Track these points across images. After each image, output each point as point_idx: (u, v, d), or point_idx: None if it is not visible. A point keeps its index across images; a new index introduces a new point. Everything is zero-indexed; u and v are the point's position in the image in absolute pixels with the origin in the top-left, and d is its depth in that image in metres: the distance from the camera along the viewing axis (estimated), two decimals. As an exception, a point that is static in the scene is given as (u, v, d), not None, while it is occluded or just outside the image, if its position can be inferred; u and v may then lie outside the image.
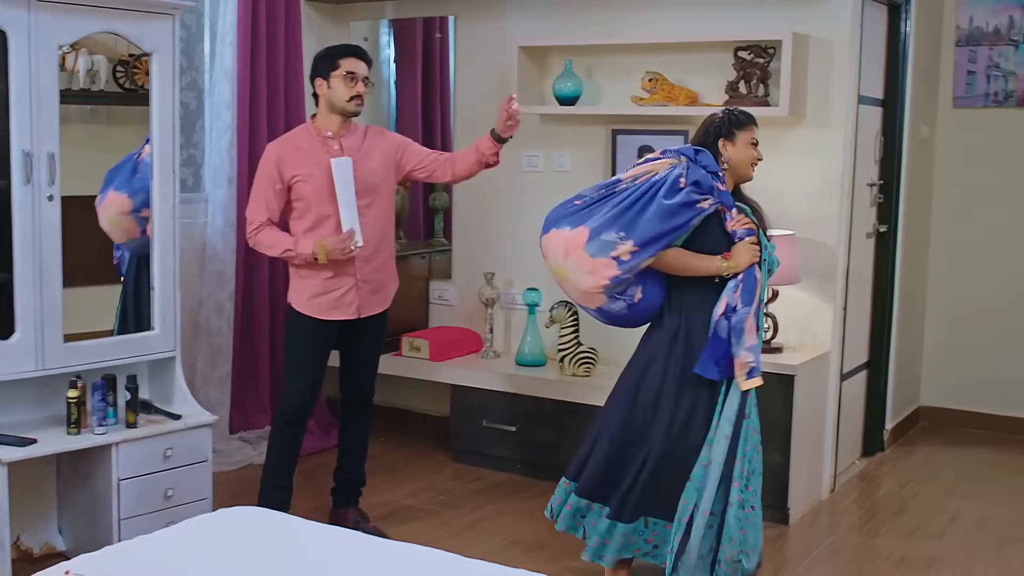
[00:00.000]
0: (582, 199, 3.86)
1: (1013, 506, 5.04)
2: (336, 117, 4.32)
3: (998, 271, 6.22)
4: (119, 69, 4.42)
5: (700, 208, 3.70)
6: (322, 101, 4.33)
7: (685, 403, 3.78)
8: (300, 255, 4.25)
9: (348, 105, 4.29)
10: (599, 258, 3.73)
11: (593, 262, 3.74)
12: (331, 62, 4.29)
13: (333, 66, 4.28)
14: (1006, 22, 6.10)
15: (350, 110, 4.31)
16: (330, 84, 4.29)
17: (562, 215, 3.88)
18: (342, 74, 4.27)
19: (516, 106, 4.38)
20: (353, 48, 4.43)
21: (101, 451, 4.12)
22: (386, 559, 2.96)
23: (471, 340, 5.70)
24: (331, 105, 4.31)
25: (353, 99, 4.29)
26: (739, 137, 3.86)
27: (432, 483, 5.26)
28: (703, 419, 3.76)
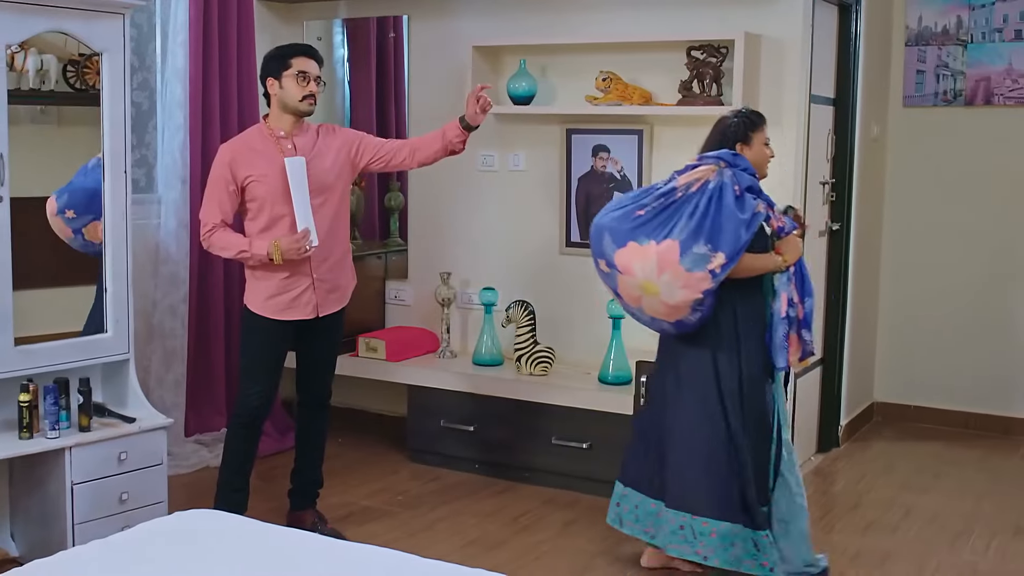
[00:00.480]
0: (644, 208, 3.84)
1: (965, 500, 5.10)
2: (289, 117, 4.30)
3: (949, 268, 6.30)
4: (69, 69, 4.38)
5: (760, 213, 3.82)
6: (274, 101, 4.31)
7: (757, 395, 3.94)
8: (255, 256, 4.23)
9: (301, 105, 4.27)
10: (696, 272, 3.72)
11: (688, 276, 3.72)
12: (282, 62, 4.27)
13: (284, 66, 4.26)
14: (954, 22, 6.17)
15: (303, 110, 4.29)
16: (282, 84, 4.26)
17: (632, 227, 3.83)
18: (294, 74, 4.24)
19: (487, 97, 4.41)
20: (304, 47, 4.41)
21: (54, 455, 4.07)
22: (344, 560, 2.95)
23: (428, 340, 5.69)
24: (283, 105, 4.28)
25: (306, 99, 4.27)
26: (754, 139, 3.97)
27: (389, 484, 5.25)
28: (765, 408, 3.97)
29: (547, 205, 5.50)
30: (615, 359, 5.09)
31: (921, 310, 6.38)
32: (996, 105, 6.12)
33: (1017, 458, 5.81)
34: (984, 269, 6.21)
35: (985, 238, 6.20)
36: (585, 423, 5.04)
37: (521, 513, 4.86)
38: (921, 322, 6.39)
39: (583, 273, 5.42)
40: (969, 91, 6.18)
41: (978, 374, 6.25)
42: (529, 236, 5.57)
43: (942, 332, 6.34)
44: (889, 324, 6.46)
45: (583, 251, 5.42)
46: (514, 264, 5.61)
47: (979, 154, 6.19)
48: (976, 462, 5.72)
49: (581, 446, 5.05)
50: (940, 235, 6.31)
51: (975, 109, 6.18)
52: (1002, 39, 6.07)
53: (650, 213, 3.82)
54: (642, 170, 5.22)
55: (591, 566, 4.29)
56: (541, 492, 5.12)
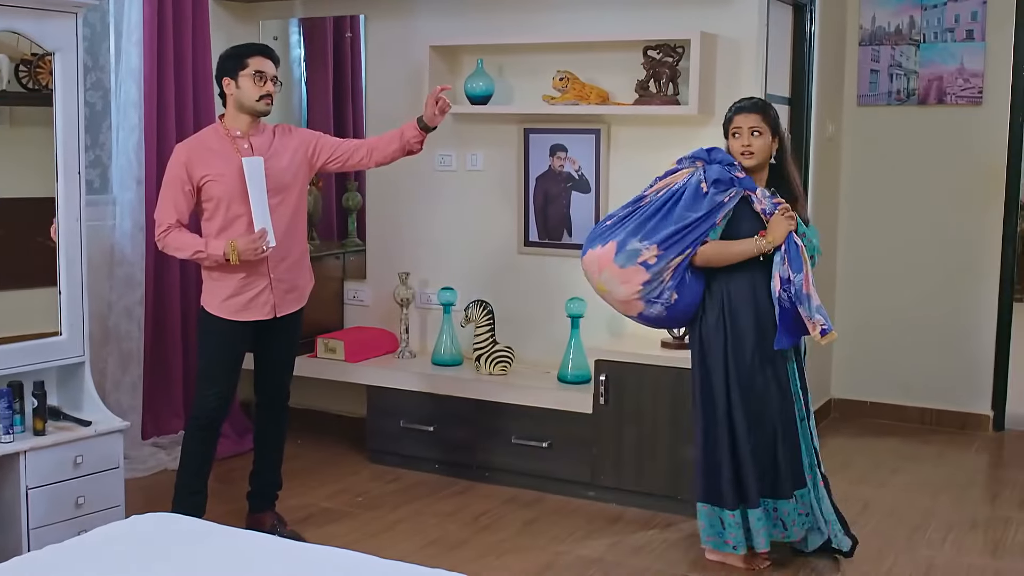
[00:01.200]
0: (612, 218, 4.14)
1: (922, 495, 5.16)
2: (245, 117, 4.28)
3: (905, 265, 6.36)
4: (22, 69, 4.33)
5: (725, 203, 4.00)
6: (230, 101, 4.28)
7: (753, 379, 4.05)
8: (211, 256, 4.20)
9: (258, 105, 4.25)
10: (628, 267, 4.01)
11: (622, 272, 4.02)
12: (238, 61, 4.24)
13: (241, 65, 4.23)
14: (907, 22, 6.24)
15: (260, 110, 4.27)
16: (239, 84, 4.24)
17: (595, 236, 4.18)
18: (250, 73, 4.22)
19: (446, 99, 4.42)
20: (260, 47, 4.38)
21: (8, 460, 4.03)
22: (303, 562, 2.94)
23: (387, 341, 5.68)
24: (240, 105, 4.26)
25: (263, 99, 4.25)
26: (730, 131, 4.09)
27: (349, 485, 5.23)
28: (778, 389, 4.07)
29: (505, 205, 5.51)
30: (574, 358, 5.10)
31: (877, 307, 6.44)
32: (948, 104, 6.19)
33: (973, 453, 5.88)
34: (939, 265, 6.28)
35: (940, 235, 6.27)
36: (545, 422, 5.05)
37: (481, 512, 4.86)
38: (877, 319, 6.45)
39: (541, 272, 5.44)
40: (922, 90, 6.24)
41: (934, 370, 6.32)
42: (487, 236, 5.57)
43: (898, 329, 6.40)
44: (846, 321, 6.51)
45: (541, 251, 5.43)
46: (473, 264, 5.61)
47: (932, 152, 6.25)
48: (933, 457, 5.78)
49: (541, 445, 5.06)
50: (894, 233, 6.38)
51: (928, 108, 6.25)
52: (954, 39, 6.14)
53: (615, 221, 4.11)
54: (600, 169, 5.24)
55: (552, 565, 4.30)
56: (501, 491, 5.12)
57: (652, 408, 4.75)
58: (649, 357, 4.80)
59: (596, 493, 4.99)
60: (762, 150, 4.03)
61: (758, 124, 4.00)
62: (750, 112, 4.03)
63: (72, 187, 4.29)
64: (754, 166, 4.04)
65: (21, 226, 4.42)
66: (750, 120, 4.01)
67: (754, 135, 4.00)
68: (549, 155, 5.37)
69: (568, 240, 5.35)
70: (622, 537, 4.59)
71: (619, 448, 4.89)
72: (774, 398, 4.07)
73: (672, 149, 5.05)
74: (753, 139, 4.01)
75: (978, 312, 6.22)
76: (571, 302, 5.13)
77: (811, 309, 3.93)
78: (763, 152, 4.03)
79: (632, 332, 5.19)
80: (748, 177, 4.04)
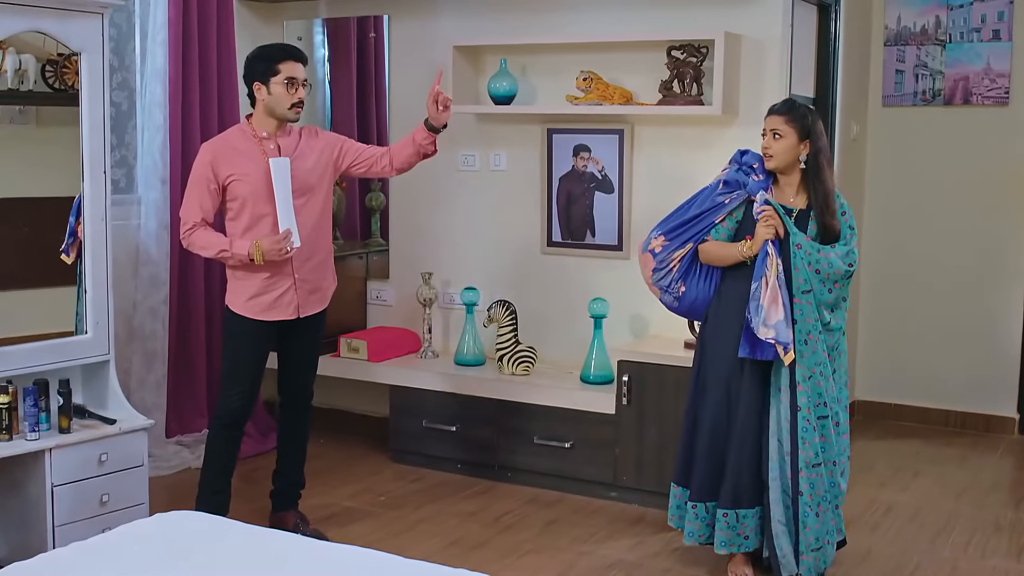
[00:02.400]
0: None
1: (945, 498, 5.13)
2: (274, 120, 4.30)
3: (928, 266, 6.33)
4: (48, 69, 4.36)
5: (724, 205, 4.04)
6: (260, 105, 4.28)
7: (734, 388, 4.04)
8: (235, 256, 4.21)
9: (288, 112, 4.26)
10: (644, 254, 4.20)
11: (642, 257, 4.22)
12: (269, 66, 4.23)
13: (272, 71, 4.22)
14: (933, 22, 6.20)
15: (290, 117, 4.29)
16: (270, 90, 4.23)
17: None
18: (282, 81, 4.22)
19: (440, 89, 4.40)
20: (290, 50, 4.37)
21: (34, 457, 4.06)
22: (326, 561, 2.95)
23: (409, 340, 5.69)
24: (271, 111, 4.27)
25: (294, 106, 4.26)
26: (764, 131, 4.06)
27: (372, 484, 5.24)
28: (749, 402, 4.00)
29: (528, 205, 5.51)
30: (597, 358, 5.10)
31: (902, 308, 6.41)
32: (974, 104, 6.15)
33: (997, 455, 5.84)
34: (964, 267, 6.25)
35: (965, 237, 6.23)
36: (567, 422, 5.05)
37: (503, 513, 4.87)
38: (902, 320, 6.41)
39: (564, 273, 5.43)
40: (948, 91, 6.21)
41: (958, 372, 6.29)
42: (510, 236, 5.57)
43: (923, 330, 6.36)
44: (870, 322, 6.48)
45: (564, 251, 5.43)
46: (496, 264, 5.62)
47: (958, 153, 6.22)
48: (957, 460, 5.74)
49: (563, 445, 5.06)
50: (919, 234, 6.34)
51: (954, 108, 6.21)
52: (980, 39, 6.10)
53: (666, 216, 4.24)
54: (623, 170, 5.23)
55: (574, 565, 4.30)
56: (523, 492, 5.12)
57: (675, 409, 4.74)
58: (672, 358, 4.79)
59: (618, 494, 4.99)
60: (782, 153, 3.98)
61: (779, 127, 3.97)
62: (774, 114, 4.01)
63: (98, 186, 4.31)
64: (775, 168, 4.02)
65: (48, 225, 4.45)
66: (773, 122, 3.99)
67: (775, 137, 3.98)
68: (572, 155, 5.36)
69: (591, 240, 5.35)
70: (643, 538, 4.58)
71: (641, 449, 4.88)
72: (741, 406, 4.02)
73: (696, 150, 5.06)
74: (774, 142, 3.99)
75: (1004, 314, 6.18)
76: (594, 302, 5.13)
77: (759, 319, 3.86)
78: (783, 155, 3.98)
79: (655, 333, 5.19)
80: (764, 180, 4.01)
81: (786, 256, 3.92)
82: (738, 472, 4.02)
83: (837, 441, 4.00)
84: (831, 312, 3.98)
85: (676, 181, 5.07)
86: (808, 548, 3.95)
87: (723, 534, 4.06)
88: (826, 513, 3.97)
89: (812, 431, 3.93)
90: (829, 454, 3.97)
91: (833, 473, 3.98)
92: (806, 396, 3.92)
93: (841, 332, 4.04)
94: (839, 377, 4.04)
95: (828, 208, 3.97)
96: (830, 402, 3.96)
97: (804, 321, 3.91)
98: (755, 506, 4.04)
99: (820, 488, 3.94)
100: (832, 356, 4.01)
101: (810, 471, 3.92)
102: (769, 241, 3.89)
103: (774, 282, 3.87)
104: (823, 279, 3.92)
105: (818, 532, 3.95)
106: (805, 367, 3.91)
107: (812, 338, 3.92)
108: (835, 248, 3.96)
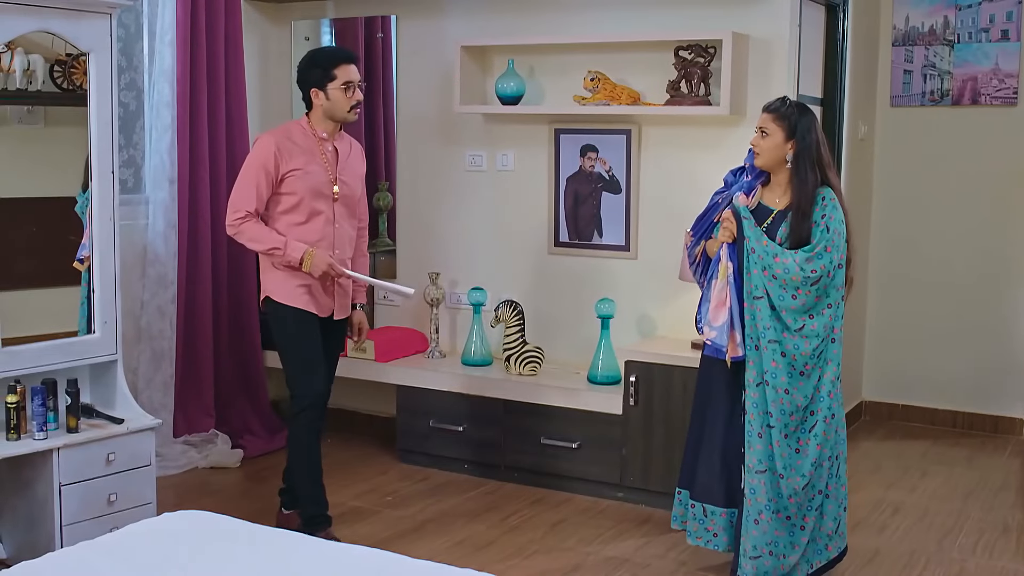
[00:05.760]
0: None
1: (953, 498, 5.12)
2: (332, 123, 4.32)
3: (937, 267, 6.32)
4: (56, 69, 4.37)
5: (718, 204, 4.07)
6: (319, 110, 4.29)
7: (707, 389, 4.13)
8: (287, 257, 4.21)
9: (349, 115, 4.30)
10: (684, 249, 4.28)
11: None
12: (325, 72, 4.24)
13: (328, 77, 4.24)
14: (941, 22, 6.19)
15: (351, 119, 4.33)
16: (328, 96, 4.25)
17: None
18: (339, 86, 4.24)
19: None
20: (344, 54, 4.36)
21: (42, 456, 4.06)
22: (332, 561, 2.95)
23: (417, 340, 5.69)
24: (330, 114, 4.29)
25: (353, 108, 4.29)
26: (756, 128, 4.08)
27: (378, 484, 5.24)
28: (719, 403, 4.04)
29: (536, 205, 5.51)
30: (604, 359, 5.09)
31: (909, 309, 6.40)
32: (983, 105, 6.14)
33: (1005, 456, 5.83)
34: (972, 268, 6.24)
35: (973, 237, 6.22)
36: (574, 423, 5.04)
37: (510, 513, 4.87)
38: (909, 321, 6.40)
39: (572, 273, 5.43)
40: (956, 91, 6.20)
41: (966, 373, 6.27)
42: (518, 236, 5.57)
43: (930, 331, 6.35)
44: (877, 323, 6.48)
45: (572, 251, 5.43)
46: (503, 264, 5.62)
47: (966, 154, 6.21)
48: (964, 460, 5.73)
49: (570, 446, 5.06)
50: (928, 235, 6.33)
51: (962, 109, 6.20)
52: (988, 39, 6.09)
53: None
54: (630, 170, 5.23)
55: (580, 566, 4.30)
56: (530, 492, 5.12)
57: (682, 410, 4.73)
58: (679, 358, 4.78)
59: (625, 494, 4.99)
60: (768, 151, 3.95)
61: (767, 124, 3.95)
62: (765, 111, 4.00)
63: (106, 186, 4.32)
64: (762, 166, 4.01)
65: (56, 225, 4.46)
66: (762, 120, 3.98)
67: (763, 135, 3.97)
68: (580, 155, 5.36)
69: (598, 241, 5.35)
70: (650, 538, 4.58)
71: (648, 449, 4.88)
72: (723, 405, 4.05)
73: (703, 150, 5.06)
74: (760, 139, 3.97)
75: (1012, 314, 6.16)
76: (601, 303, 5.13)
77: (703, 320, 3.97)
78: (768, 153, 3.95)
79: (662, 333, 5.18)
80: (752, 180, 4.04)
81: (743, 260, 3.90)
82: (710, 468, 4.06)
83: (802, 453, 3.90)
84: (809, 318, 3.86)
85: (683, 181, 5.07)
86: (746, 554, 3.91)
87: (691, 524, 4.11)
88: (769, 523, 3.90)
89: (757, 437, 3.89)
90: (776, 463, 3.89)
91: (781, 484, 3.89)
92: (751, 401, 3.89)
93: (827, 339, 3.90)
94: (822, 385, 3.92)
95: (800, 210, 3.89)
96: (779, 413, 3.86)
97: (754, 326, 3.87)
98: (728, 507, 4.04)
99: (762, 496, 3.89)
100: (811, 364, 3.88)
101: (752, 476, 3.89)
102: (725, 244, 3.91)
103: (722, 285, 3.89)
104: (781, 284, 3.83)
105: (756, 540, 3.90)
106: (754, 372, 3.88)
107: (763, 344, 3.86)
108: (796, 253, 3.84)
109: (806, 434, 3.91)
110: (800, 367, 3.87)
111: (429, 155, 5.75)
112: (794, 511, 3.92)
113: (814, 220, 3.88)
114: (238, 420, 5.67)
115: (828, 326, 3.89)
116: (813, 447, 3.90)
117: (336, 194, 4.33)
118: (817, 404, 3.91)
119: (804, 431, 3.91)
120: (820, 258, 3.83)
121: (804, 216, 3.88)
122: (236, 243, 4.36)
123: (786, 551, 3.93)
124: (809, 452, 3.90)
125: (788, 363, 3.86)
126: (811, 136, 3.91)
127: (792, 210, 3.92)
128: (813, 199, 3.88)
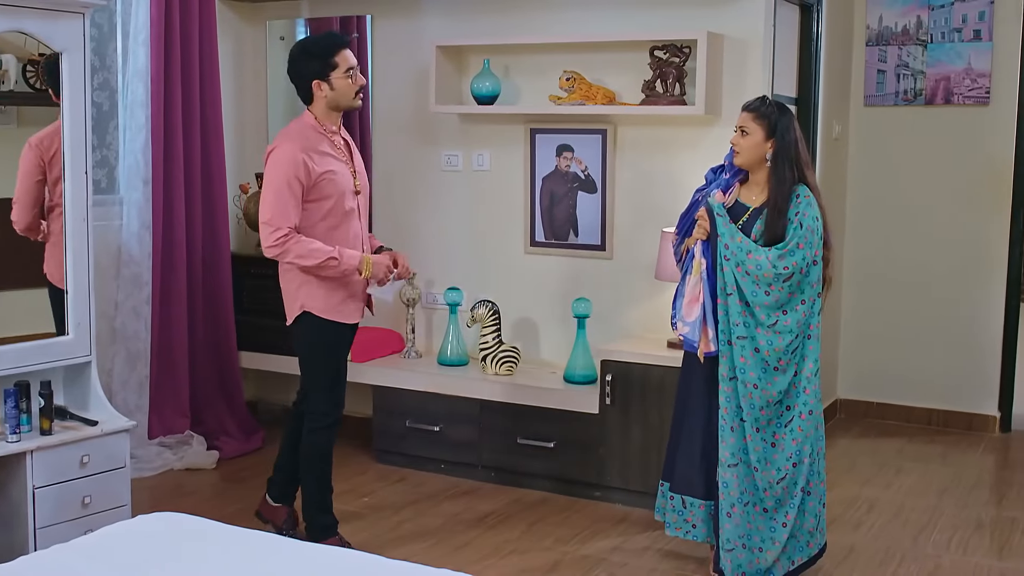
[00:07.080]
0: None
1: (927, 495, 5.15)
2: (336, 114, 4.25)
3: (910, 266, 6.36)
4: (29, 69, 4.33)
5: (697, 202, 4.10)
6: (322, 102, 4.17)
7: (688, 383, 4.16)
8: (344, 264, 4.09)
9: (355, 101, 4.22)
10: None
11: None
12: (325, 62, 4.13)
13: (330, 66, 4.13)
14: (914, 22, 6.23)
15: (356, 105, 4.25)
16: (333, 86, 4.14)
17: None
18: (342, 73, 4.14)
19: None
20: (339, 39, 4.24)
21: (15, 459, 4.03)
22: (309, 562, 2.94)
23: (393, 341, 5.68)
24: (335, 105, 4.19)
25: (358, 93, 4.22)
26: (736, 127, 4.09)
27: (355, 484, 5.23)
28: (699, 397, 4.07)
29: (512, 205, 5.51)
30: (580, 358, 5.10)
31: (884, 307, 6.43)
32: (956, 104, 6.18)
33: (978, 453, 5.87)
34: (947, 266, 6.27)
35: (947, 236, 6.26)
36: (551, 422, 5.05)
37: (487, 513, 4.87)
38: (884, 319, 6.44)
39: (548, 273, 5.44)
40: (929, 90, 6.23)
41: (941, 371, 6.32)
42: (494, 236, 5.57)
43: (905, 329, 6.39)
44: (852, 321, 6.51)
45: (548, 251, 5.43)
46: (479, 264, 5.61)
47: (939, 153, 6.24)
48: (938, 458, 5.77)
49: (547, 445, 5.06)
50: (902, 233, 6.37)
51: (935, 108, 6.24)
52: (961, 39, 6.13)
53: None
54: (606, 170, 5.24)
55: (557, 565, 4.30)
56: (507, 492, 5.12)
57: (659, 408, 4.75)
58: (655, 357, 4.79)
59: (602, 493, 4.99)
60: (747, 150, 3.97)
61: (747, 123, 3.98)
62: (744, 111, 4.02)
63: (79, 187, 4.29)
64: (742, 165, 4.02)
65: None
66: (742, 119, 4.00)
67: (743, 134, 3.99)
68: (555, 155, 5.37)
69: (574, 240, 5.36)
70: (628, 537, 4.59)
71: (625, 448, 4.89)
72: (702, 398, 4.08)
73: (678, 149, 5.07)
74: (740, 139, 4.00)
75: (985, 313, 6.21)
76: (577, 302, 5.13)
77: (677, 315, 4.03)
78: (748, 152, 3.97)
79: (638, 333, 5.19)
80: (730, 178, 4.08)
81: (717, 257, 3.94)
82: (689, 460, 4.09)
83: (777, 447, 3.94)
84: (783, 314, 3.88)
85: (659, 181, 5.08)
86: (723, 547, 3.97)
87: (670, 515, 4.15)
88: (742, 516, 3.94)
89: (730, 431, 3.93)
90: (750, 456, 3.92)
91: (756, 477, 3.93)
92: (724, 396, 3.93)
93: (802, 336, 3.90)
94: (799, 381, 3.93)
95: (776, 207, 3.91)
96: (750, 407, 3.90)
97: (725, 322, 3.91)
98: (707, 499, 4.07)
99: (735, 489, 3.93)
100: (785, 360, 3.89)
101: (725, 470, 3.94)
102: (700, 241, 3.95)
103: (695, 281, 3.95)
104: (754, 280, 3.86)
105: (730, 533, 3.94)
106: (727, 367, 3.92)
107: (735, 340, 3.89)
108: (769, 250, 3.87)
109: (782, 428, 3.93)
110: (773, 363, 3.89)
111: (405, 155, 5.74)
112: (771, 504, 3.94)
113: (788, 217, 3.90)
114: (214, 421, 5.64)
115: (802, 322, 3.91)
116: (789, 442, 3.93)
117: (358, 187, 4.25)
118: (794, 399, 3.93)
119: (780, 425, 3.94)
120: (793, 255, 3.85)
121: (780, 213, 3.90)
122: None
123: (763, 544, 3.95)
124: (785, 447, 3.93)
125: (761, 359, 3.89)
126: (790, 135, 3.94)
127: (768, 207, 3.94)
128: (789, 197, 3.91)
